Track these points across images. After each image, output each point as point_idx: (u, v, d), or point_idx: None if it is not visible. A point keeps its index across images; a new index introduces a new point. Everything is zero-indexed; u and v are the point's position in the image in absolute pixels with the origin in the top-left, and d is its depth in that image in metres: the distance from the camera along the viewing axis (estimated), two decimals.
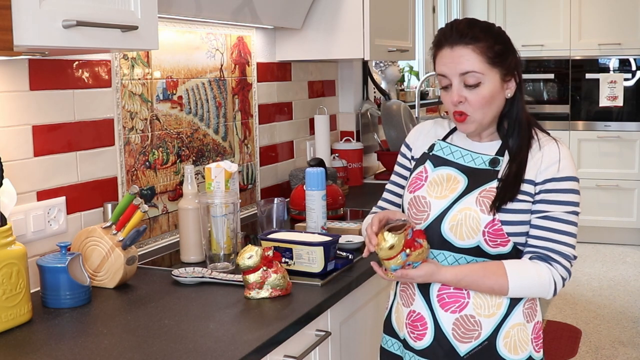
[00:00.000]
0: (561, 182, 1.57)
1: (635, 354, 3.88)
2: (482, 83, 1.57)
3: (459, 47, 1.57)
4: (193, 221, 2.08)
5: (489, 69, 1.57)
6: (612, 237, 6.14)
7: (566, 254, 1.57)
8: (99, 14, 1.51)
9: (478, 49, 1.56)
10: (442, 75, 1.60)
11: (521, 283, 1.55)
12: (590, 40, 6.12)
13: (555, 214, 1.57)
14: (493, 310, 1.60)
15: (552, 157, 1.59)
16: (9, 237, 1.58)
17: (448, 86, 1.60)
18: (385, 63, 4.24)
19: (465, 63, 1.56)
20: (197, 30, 2.46)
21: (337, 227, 2.38)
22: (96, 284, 1.85)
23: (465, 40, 1.56)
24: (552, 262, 1.56)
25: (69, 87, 1.95)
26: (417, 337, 1.65)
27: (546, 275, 1.55)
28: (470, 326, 1.60)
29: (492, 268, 1.56)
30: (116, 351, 1.45)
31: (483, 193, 1.59)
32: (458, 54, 1.56)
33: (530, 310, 1.64)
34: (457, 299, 1.61)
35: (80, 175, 2.00)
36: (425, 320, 1.64)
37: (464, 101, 1.58)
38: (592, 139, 6.17)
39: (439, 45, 1.61)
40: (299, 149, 3.20)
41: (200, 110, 2.50)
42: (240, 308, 1.71)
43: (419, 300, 1.65)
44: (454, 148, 1.67)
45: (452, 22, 1.62)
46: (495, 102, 1.59)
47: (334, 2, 2.83)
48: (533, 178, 1.58)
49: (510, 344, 1.61)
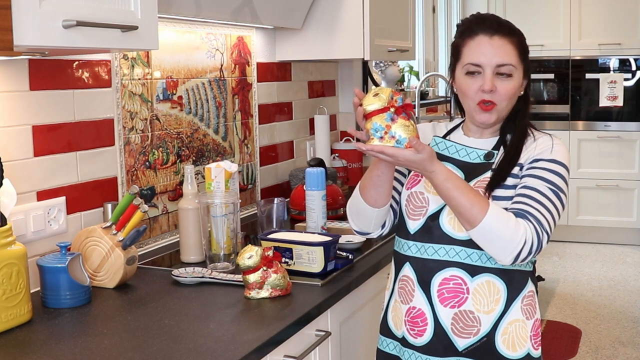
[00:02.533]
0: (549, 163, 1.58)
1: (635, 354, 3.88)
2: (512, 76, 1.59)
3: (498, 36, 1.59)
4: (193, 221, 2.08)
5: (519, 63, 1.61)
6: (612, 237, 6.14)
7: (541, 222, 1.52)
8: (99, 14, 1.51)
9: (514, 42, 1.60)
10: (475, 64, 1.59)
11: (499, 219, 1.49)
12: (590, 40, 6.12)
13: (534, 184, 1.55)
14: (492, 307, 1.60)
15: (546, 144, 1.61)
16: (9, 237, 1.58)
17: (476, 73, 1.60)
18: (385, 63, 4.24)
19: (504, 55, 1.58)
20: (197, 30, 2.46)
21: (337, 227, 2.38)
22: (96, 284, 1.85)
23: (504, 31, 1.59)
24: (529, 222, 1.51)
25: (69, 87, 1.95)
26: (418, 333, 1.65)
27: (522, 229, 1.49)
28: (469, 322, 1.60)
29: (479, 194, 1.53)
30: (116, 351, 1.45)
31: (478, 183, 1.60)
32: (498, 44, 1.58)
33: (530, 307, 1.64)
34: (456, 294, 1.60)
35: (80, 175, 2.00)
36: (426, 316, 1.64)
37: (495, 90, 1.59)
38: (592, 139, 6.17)
39: (473, 34, 1.60)
40: (299, 149, 3.20)
41: (200, 110, 2.50)
42: (240, 308, 1.71)
43: (418, 296, 1.65)
44: (449, 143, 1.68)
45: (481, 14, 1.63)
46: (515, 97, 1.63)
47: (334, 2, 2.83)
48: (523, 162, 1.60)
49: (508, 340, 1.61)
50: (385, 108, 1.47)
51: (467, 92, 1.62)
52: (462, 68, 1.63)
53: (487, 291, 1.60)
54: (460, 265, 1.60)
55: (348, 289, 1.89)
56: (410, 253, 1.66)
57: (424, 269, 1.64)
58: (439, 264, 1.62)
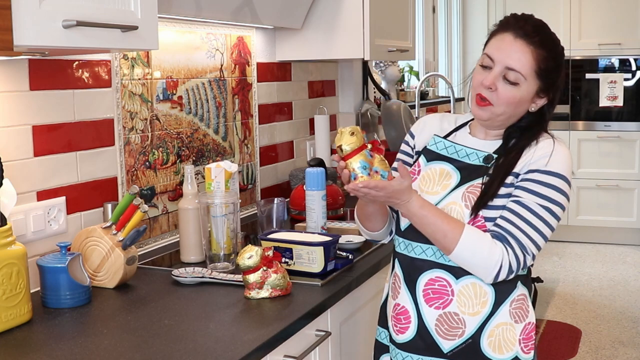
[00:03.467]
0: (545, 176, 1.55)
1: (635, 354, 3.88)
2: (519, 85, 1.56)
3: (521, 41, 1.55)
4: (193, 221, 2.08)
5: (533, 77, 1.56)
6: (612, 237, 6.14)
7: (524, 244, 1.52)
8: (98, 14, 1.51)
9: (536, 55, 1.55)
10: (489, 56, 1.58)
11: (472, 247, 1.51)
12: (590, 40, 6.12)
13: (527, 202, 1.53)
14: (477, 309, 1.59)
15: (544, 151, 1.57)
16: (9, 237, 1.58)
17: (487, 67, 1.58)
18: (385, 63, 4.24)
19: (517, 60, 1.54)
20: (197, 30, 2.46)
21: (337, 227, 2.38)
22: (96, 284, 1.85)
23: (530, 40, 1.55)
24: (507, 246, 1.52)
25: (69, 87, 1.95)
26: (400, 330, 1.65)
27: (497, 255, 1.51)
28: (453, 323, 1.60)
29: (454, 220, 1.55)
30: (116, 351, 1.45)
31: (470, 189, 1.59)
32: (517, 48, 1.55)
33: (520, 310, 1.62)
34: (441, 295, 1.60)
35: (80, 175, 2.00)
36: (409, 314, 1.64)
37: (494, 89, 1.56)
38: (592, 139, 6.17)
39: (504, 27, 1.59)
40: (299, 149, 3.20)
41: (200, 110, 2.50)
42: (240, 308, 1.71)
43: (404, 294, 1.65)
44: (447, 143, 1.67)
45: (526, 15, 1.61)
46: (519, 108, 1.59)
47: (334, 2, 2.83)
48: (518, 171, 1.57)
49: (495, 342, 1.60)
50: (363, 145, 1.52)
51: (473, 81, 1.61)
52: (481, 58, 1.62)
53: (472, 293, 1.59)
54: (445, 267, 1.60)
55: (348, 289, 1.89)
56: (399, 250, 1.68)
57: (411, 268, 1.64)
58: (425, 264, 1.62)
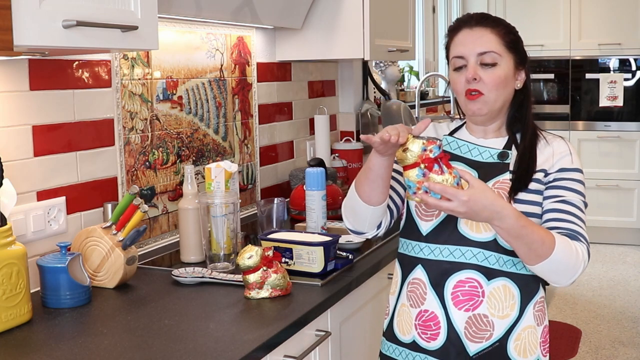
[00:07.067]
0: (573, 173, 1.60)
1: (635, 354, 3.88)
2: (498, 64, 1.59)
3: (478, 27, 1.61)
4: (193, 221, 2.08)
5: (505, 51, 1.60)
6: (612, 237, 6.14)
7: (587, 240, 1.55)
8: (98, 14, 1.51)
9: (496, 32, 1.60)
10: (458, 56, 1.60)
11: (564, 250, 1.48)
12: (590, 40, 6.12)
13: (572, 199, 1.57)
14: (507, 312, 1.58)
15: (563, 150, 1.62)
16: (9, 237, 1.58)
17: (462, 67, 1.60)
18: (385, 63, 4.24)
19: (485, 43, 1.59)
20: (197, 30, 2.46)
21: (337, 227, 2.38)
22: (96, 284, 1.85)
23: (485, 23, 1.61)
24: (581, 243, 1.53)
25: (69, 87, 1.95)
26: (431, 337, 1.62)
27: (581, 253, 1.51)
28: (482, 326, 1.58)
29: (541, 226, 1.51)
30: (116, 351, 1.45)
31: (497, 184, 1.58)
32: (478, 34, 1.60)
33: (541, 313, 1.63)
34: (471, 296, 1.57)
35: (80, 175, 2.00)
36: (439, 319, 1.60)
37: (478, 79, 1.58)
38: (592, 139, 6.18)
39: (456, 29, 1.64)
40: (299, 149, 3.20)
41: (200, 110, 2.50)
42: (240, 308, 1.71)
43: (431, 299, 1.61)
44: (461, 142, 1.66)
45: (468, 13, 1.66)
46: (507, 86, 1.61)
47: (334, 2, 2.83)
48: (547, 168, 1.60)
49: (520, 347, 1.59)
50: (415, 164, 1.39)
51: (456, 87, 1.62)
52: (451, 65, 1.64)
53: (503, 295, 1.58)
54: (477, 268, 1.57)
55: (348, 289, 1.89)
56: (422, 255, 1.63)
57: (438, 271, 1.60)
58: (454, 266, 1.59)
